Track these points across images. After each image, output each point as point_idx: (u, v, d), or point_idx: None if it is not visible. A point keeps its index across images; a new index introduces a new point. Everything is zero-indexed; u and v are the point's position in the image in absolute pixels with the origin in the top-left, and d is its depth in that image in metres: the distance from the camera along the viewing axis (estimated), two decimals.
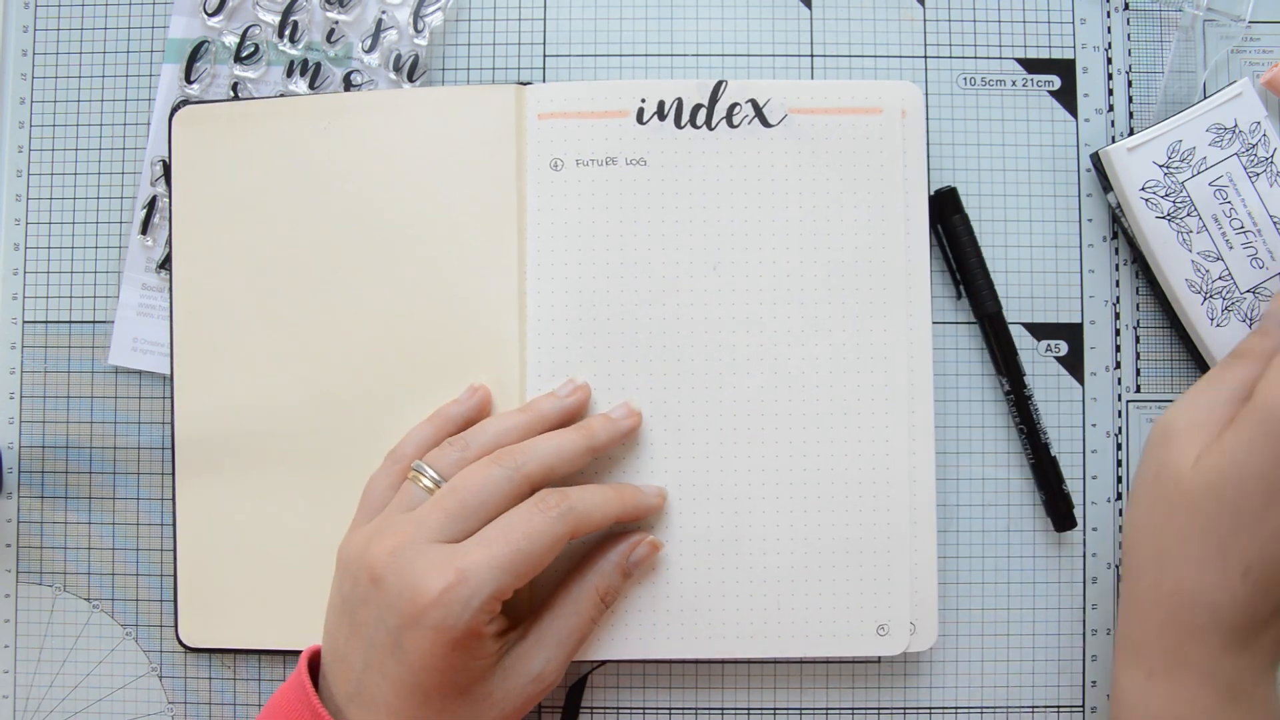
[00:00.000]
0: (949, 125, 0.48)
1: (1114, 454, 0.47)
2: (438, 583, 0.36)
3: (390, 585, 0.37)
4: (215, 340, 0.46)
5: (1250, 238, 0.45)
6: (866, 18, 0.48)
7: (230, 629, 0.46)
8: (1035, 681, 0.47)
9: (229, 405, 0.45)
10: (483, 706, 0.38)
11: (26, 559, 0.47)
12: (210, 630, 0.46)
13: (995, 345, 0.46)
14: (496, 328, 0.44)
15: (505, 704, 0.39)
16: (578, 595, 0.41)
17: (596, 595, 0.41)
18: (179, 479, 0.46)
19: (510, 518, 0.39)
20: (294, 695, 0.39)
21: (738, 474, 0.44)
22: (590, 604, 0.41)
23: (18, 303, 0.48)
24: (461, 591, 0.36)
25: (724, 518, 0.44)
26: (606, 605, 0.42)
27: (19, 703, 0.47)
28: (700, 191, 0.45)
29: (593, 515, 0.40)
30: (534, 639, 0.40)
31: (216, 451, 0.46)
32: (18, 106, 0.48)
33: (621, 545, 0.42)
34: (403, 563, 0.37)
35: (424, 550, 0.37)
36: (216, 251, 0.46)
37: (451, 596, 0.36)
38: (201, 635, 0.46)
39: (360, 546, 0.39)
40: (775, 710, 0.46)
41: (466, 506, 0.38)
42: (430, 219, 0.45)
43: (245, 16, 0.47)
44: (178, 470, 0.46)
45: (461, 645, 0.37)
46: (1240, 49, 0.48)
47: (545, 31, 0.48)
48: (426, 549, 0.37)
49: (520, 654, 0.40)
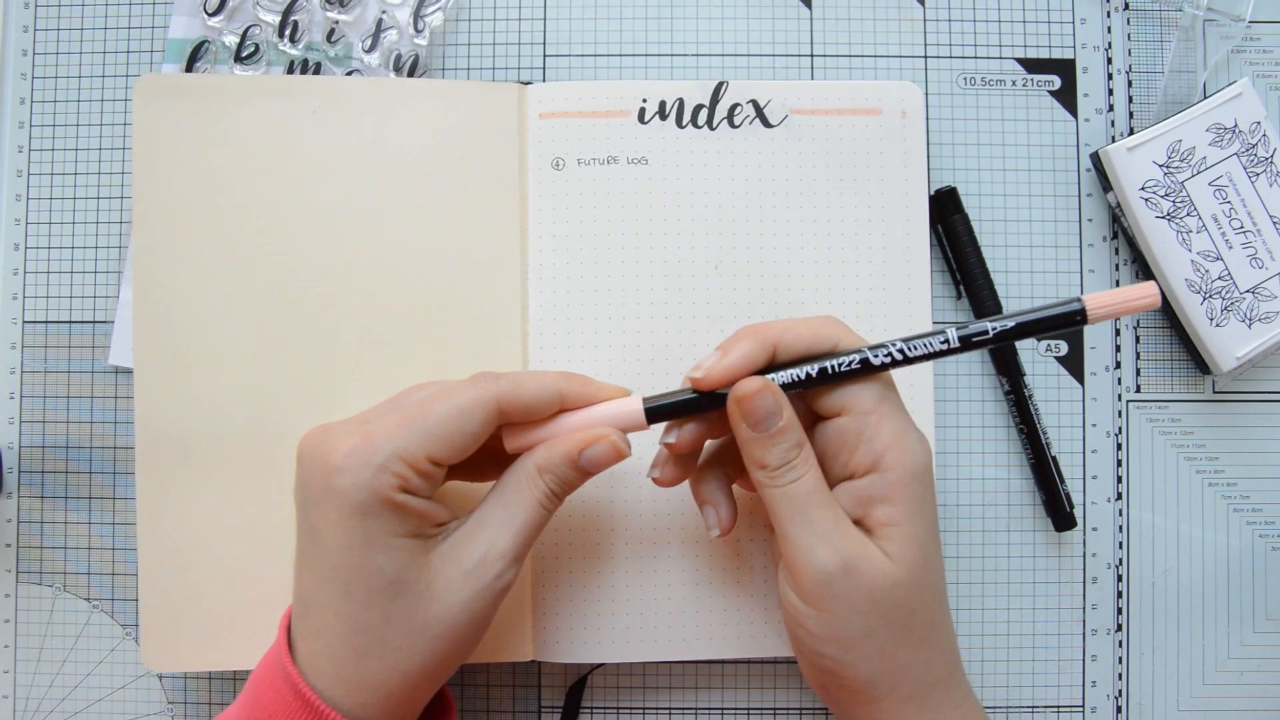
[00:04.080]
0: (949, 125, 0.48)
1: (1114, 454, 0.47)
2: (343, 445, 0.34)
3: (306, 460, 0.35)
4: (180, 332, 0.43)
5: (1250, 238, 0.45)
6: (866, 18, 0.48)
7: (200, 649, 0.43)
8: (1035, 681, 0.47)
9: (196, 404, 0.43)
10: (420, 602, 0.35)
11: (26, 559, 0.47)
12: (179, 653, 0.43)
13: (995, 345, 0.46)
14: (498, 326, 0.44)
15: (449, 599, 0.35)
16: (519, 473, 0.37)
17: (538, 476, 0.36)
18: (139, 484, 0.43)
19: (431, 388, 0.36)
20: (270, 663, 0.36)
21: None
22: (532, 485, 0.36)
23: (18, 303, 0.48)
24: (364, 450, 0.34)
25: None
26: (556, 495, 0.37)
27: (19, 703, 0.47)
28: (701, 191, 0.45)
29: (525, 386, 0.36)
30: (474, 521, 0.36)
31: (181, 454, 0.43)
32: (18, 106, 0.48)
33: (574, 435, 0.37)
34: (322, 436, 0.35)
35: (345, 425, 0.35)
36: (181, 236, 0.43)
37: (354, 459, 0.34)
38: (169, 659, 0.43)
39: None
40: (775, 710, 0.46)
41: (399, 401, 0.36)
42: (428, 215, 0.44)
43: (245, 16, 0.47)
44: (137, 474, 0.43)
45: (370, 513, 0.34)
46: (1240, 49, 0.48)
47: (545, 31, 0.48)
48: (348, 424, 0.35)
49: (459, 539, 0.36)
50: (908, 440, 0.36)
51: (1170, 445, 0.47)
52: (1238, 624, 0.47)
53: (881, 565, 0.35)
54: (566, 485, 0.37)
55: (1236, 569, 0.47)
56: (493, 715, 0.46)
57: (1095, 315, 0.35)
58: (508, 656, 0.44)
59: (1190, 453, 0.47)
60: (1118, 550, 0.47)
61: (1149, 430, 0.47)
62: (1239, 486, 0.47)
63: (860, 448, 0.36)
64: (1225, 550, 0.47)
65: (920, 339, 0.36)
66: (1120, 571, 0.47)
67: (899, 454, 0.35)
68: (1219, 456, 0.47)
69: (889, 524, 0.35)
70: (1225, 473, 0.47)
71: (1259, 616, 0.47)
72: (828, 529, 0.35)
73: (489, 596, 0.35)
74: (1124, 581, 0.47)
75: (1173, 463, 0.47)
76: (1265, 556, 0.47)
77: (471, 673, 0.47)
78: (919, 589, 0.36)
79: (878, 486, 0.35)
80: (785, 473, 0.36)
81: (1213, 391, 0.47)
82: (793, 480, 0.36)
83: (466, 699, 0.47)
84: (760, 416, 0.36)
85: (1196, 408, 0.47)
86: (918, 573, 0.35)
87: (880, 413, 0.36)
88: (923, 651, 0.36)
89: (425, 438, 0.34)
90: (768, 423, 0.36)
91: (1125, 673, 0.47)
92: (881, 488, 0.35)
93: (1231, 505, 0.47)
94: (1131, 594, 0.47)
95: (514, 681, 0.47)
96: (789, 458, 0.36)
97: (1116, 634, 0.47)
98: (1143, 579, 0.47)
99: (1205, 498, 0.47)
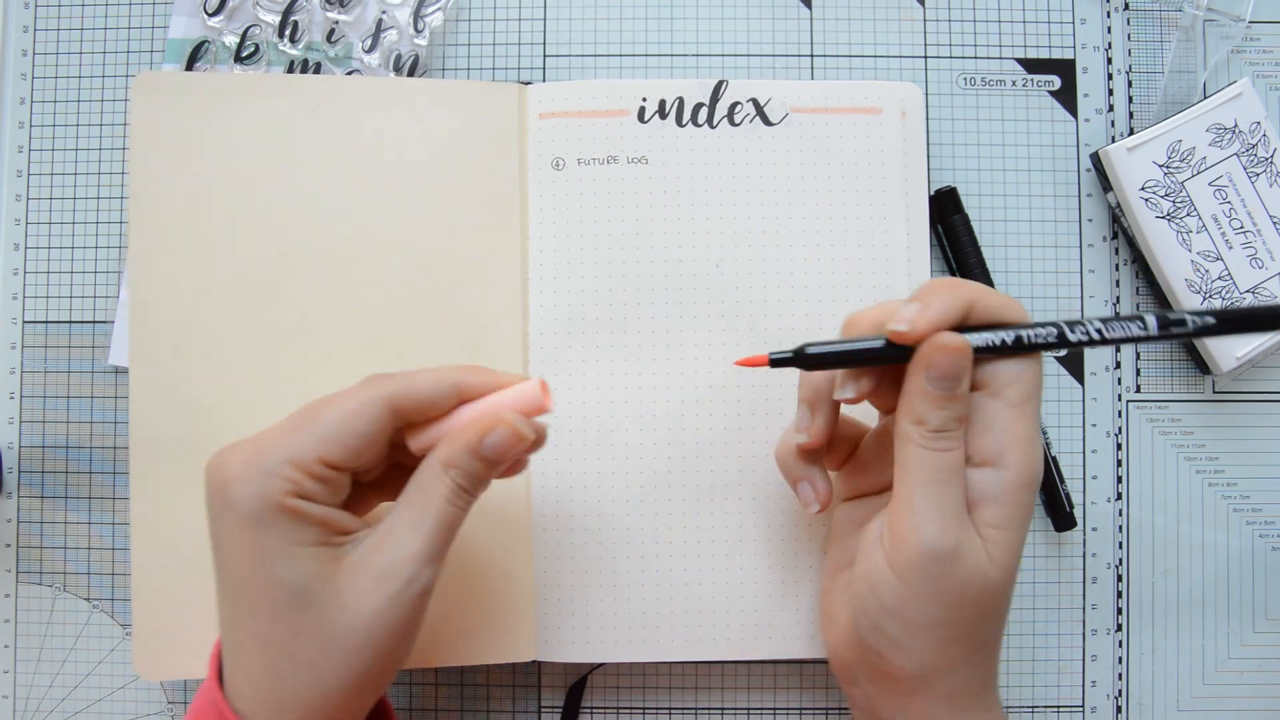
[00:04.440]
0: (949, 125, 0.48)
1: (1114, 454, 0.47)
2: (239, 458, 0.33)
3: (207, 479, 0.34)
4: (176, 333, 0.43)
5: (1250, 238, 0.45)
6: (866, 18, 0.48)
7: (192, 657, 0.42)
8: (1035, 681, 0.47)
9: (191, 406, 0.43)
10: (329, 613, 0.33)
11: (26, 559, 0.47)
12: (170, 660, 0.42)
13: None
14: (498, 326, 0.44)
15: (361, 607, 0.33)
16: (424, 472, 0.35)
17: (442, 471, 0.35)
18: (133, 488, 0.43)
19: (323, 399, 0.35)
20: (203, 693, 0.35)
21: (740, 473, 0.44)
22: (438, 481, 0.35)
23: (18, 303, 0.48)
24: (255, 462, 0.33)
25: (725, 517, 0.44)
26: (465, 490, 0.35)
27: (19, 703, 0.47)
28: (702, 190, 0.45)
29: (417, 381, 0.35)
30: (384, 527, 0.35)
31: (175, 457, 0.42)
32: (18, 106, 0.48)
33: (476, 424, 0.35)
34: (220, 454, 0.34)
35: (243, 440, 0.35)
36: (178, 235, 0.43)
37: (246, 469, 0.33)
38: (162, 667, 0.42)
39: None
40: (775, 710, 0.46)
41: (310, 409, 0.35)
42: (428, 215, 0.44)
43: (245, 16, 0.47)
44: (131, 479, 0.43)
45: (264, 522, 0.33)
46: (1240, 49, 0.48)
47: (545, 31, 0.48)
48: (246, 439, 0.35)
49: (369, 545, 0.34)
50: (1034, 448, 0.35)
51: (1170, 445, 0.47)
52: (1238, 624, 0.47)
53: (983, 564, 0.34)
54: (474, 479, 0.35)
55: (1236, 569, 0.47)
56: (493, 715, 0.46)
57: None
58: (508, 657, 0.44)
59: (1190, 453, 0.47)
60: (1118, 550, 0.47)
61: (1149, 430, 0.47)
62: (1239, 486, 0.47)
63: (990, 435, 0.35)
64: (1225, 550, 0.47)
65: (1118, 322, 0.35)
66: (1120, 572, 0.47)
67: (1023, 457, 0.35)
68: (1219, 456, 0.47)
69: (994, 526, 0.35)
70: (1225, 473, 0.47)
71: (1259, 616, 0.47)
72: (951, 510, 0.34)
73: (404, 602, 0.34)
74: (1124, 582, 0.47)
75: (1173, 463, 0.47)
76: (1265, 556, 0.47)
77: (471, 673, 0.47)
78: (1003, 599, 0.35)
79: (993, 484, 0.35)
80: (940, 439, 0.35)
81: (1213, 391, 0.47)
82: (942, 449, 0.35)
83: (466, 699, 0.47)
84: (948, 374, 0.34)
85: (1196, 408, 0.47)
86: (1009, 583, 0.35)
87: (1023, 411, 0.35)
88: (975, 656, 0.36)
89: (315, 441, 0.33)
90: (950, 383, 0.35)
91: (1125, 673, 0.47)
92: (996, 486, 0.35)
93: (1231, 505, 0.47)
94: (1131, 594, 0.47)
95: (514, 681, 0.47)
96: (949, 426, 0.35)
97: (1116, 634, 0.47)
98: (1143, 579, 0.47)
99: (1205, 498, 0.47)
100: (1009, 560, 0.35)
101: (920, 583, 0.34)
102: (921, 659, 0.35)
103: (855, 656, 0.38)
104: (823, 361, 0.36)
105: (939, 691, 0.36)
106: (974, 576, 0.34)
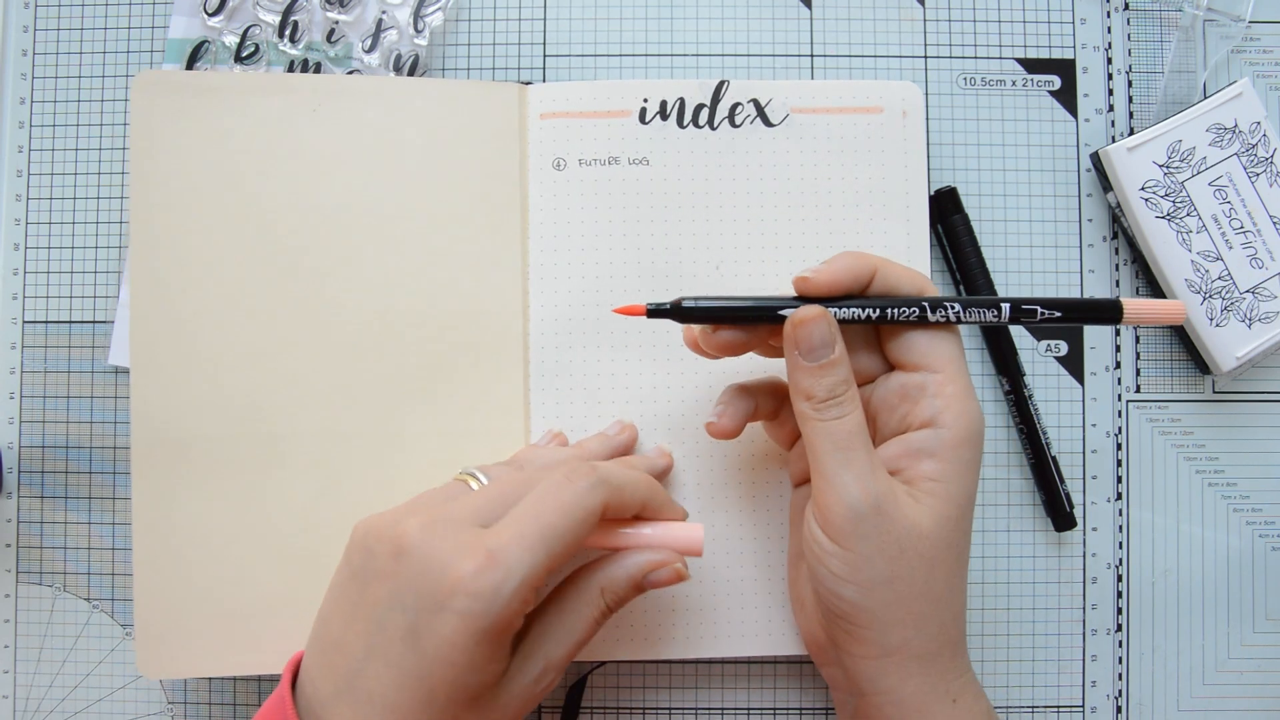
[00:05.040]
0: (949, 125, 0.48)
1: (1114, 454, 0.47)
2: (468, 565, 0.32)
3: (415, 560, 0.33)
4: (176, 332, 0.43)
5: (1250, 238, 0.45)
6: (866, 18, 0.48)
7: (195, 655, 0.42)
8: (1035, 681, 0.47)
9: (192, 404, 0.43)
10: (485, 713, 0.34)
11: (26, 559, 0.47)
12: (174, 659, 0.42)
13: (995, 345, 0.46)
14: (499, 326, 0.44)
15: (508, 706, 0.35)
16: (583, 590, 0.37)
17: (599, 596, 0.37)
18: (135, 486, 0.43)
19: (539, 491, 0.35)
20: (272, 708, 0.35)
21: (740, 473, 0.44)
22: (592, 604, 0.37)
23: (18, 303, 0.48)
24: (493, 576, 0.32)
25: (728, 516, 0.44)
26: (611, 610, 0.38)
27: (19, 703, 0.47)
28: (703, 191, 0.45)
29: (624, 490, 0.37)
30: (535, 632, 0.36)
31: (177, 455, 0.43)
32: (18, 106, 0.48)
33: (639, 557, 0.37)
34: (433, 537, 0.33)
35: (457, 528, 0.34)
36: (178, 235, 0.43)
37: (483, 581, 0.32)
38: (164, 665, 0.42)
39: (388, 520, 0.35)
40: (775, 710, 0.46)
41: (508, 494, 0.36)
42: (429, 215, 0.44)
43: (245, 16, 0.47)
44: (133, 477, 0.43)
45: (489, 639, 0.33)
46: (1240, 49, 0.48)
47: (545, 31, 0.48)
48: (460, 527, 0.34)
49: (524, 651, 0.36)
50: (969, 404, 0.37)
51: (1170, 445, 0.47)
52: (1238, 624, 0.47)
53: (912, 513, 0.36)
54: (622, 603, 0.38)
55: (1236, 569, 0.47)
56: None
57: (1130, 317, 0.37)
58: None
59: (1190, 453, 0.47)
60: (1118, 550, 0.47)
61: (1149, 430, 0.47)
62: (1239, 486, 0.47)
63: (923, 402, 0.37)
64: (1225, 550, 0.47)
65: (976, 305, 0.37)
66: (1120, 571, 0.47)
67: (958, 415, 0.36)
68: (1219, 456, 0.47)
69: (933, 479, 0.36)
70: (1225, 473, 0.47)
71: (1259, 616, 0.47)
72: (864, 469, 0.35)
73: (536, 701, 0.36)
74: (1124, 581, 0.47)
75: (1173, 463, 0.47)
76: (1265, 556, 0.47)
77: None
78: (945, 547, 0.36)
79: (931, 441, 0.36)
80: (831, 407, 0.36)
81: (1213, 391, 0.47)
82: (837, 417, 0.36)
83: None
84: (814, 345, 0.36)
85: (1196, 408, 0.47)
86: (947, 530, 0.36)
87: (949, 372, 0.37)
88: (939, 609, 0.36)
89: (549, 557, 0.34)
90: (819, 352, 0.36)
91: (1125, 673, 0.47)
92: (934, 443, 0.36)
93: (1231, 505, 0.47)
94: (1131, 594, 0.47)
95: None
96: (836, 392, 0.36)
97: (1116, 634, 0.47)
98: (1143, 579, 0.47)
99: (1205, 498, 0.47)
100: (949, 509, 0.36)
101: (858, 544, 0.35)
102: (885, 616, 0.36)
103: (826, 633, 0.39)
104: (698, 315, 0.38)
105: (909, 653, 0.36)
106: (907, 527, 0.35)
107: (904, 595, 0.36)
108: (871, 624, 0.36)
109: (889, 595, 0.36)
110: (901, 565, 0.35)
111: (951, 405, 0.36)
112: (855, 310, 0.37)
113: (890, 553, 0.35)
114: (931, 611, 0.36)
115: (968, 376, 0.37)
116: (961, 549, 0.37)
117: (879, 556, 0.35)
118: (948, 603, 0.37)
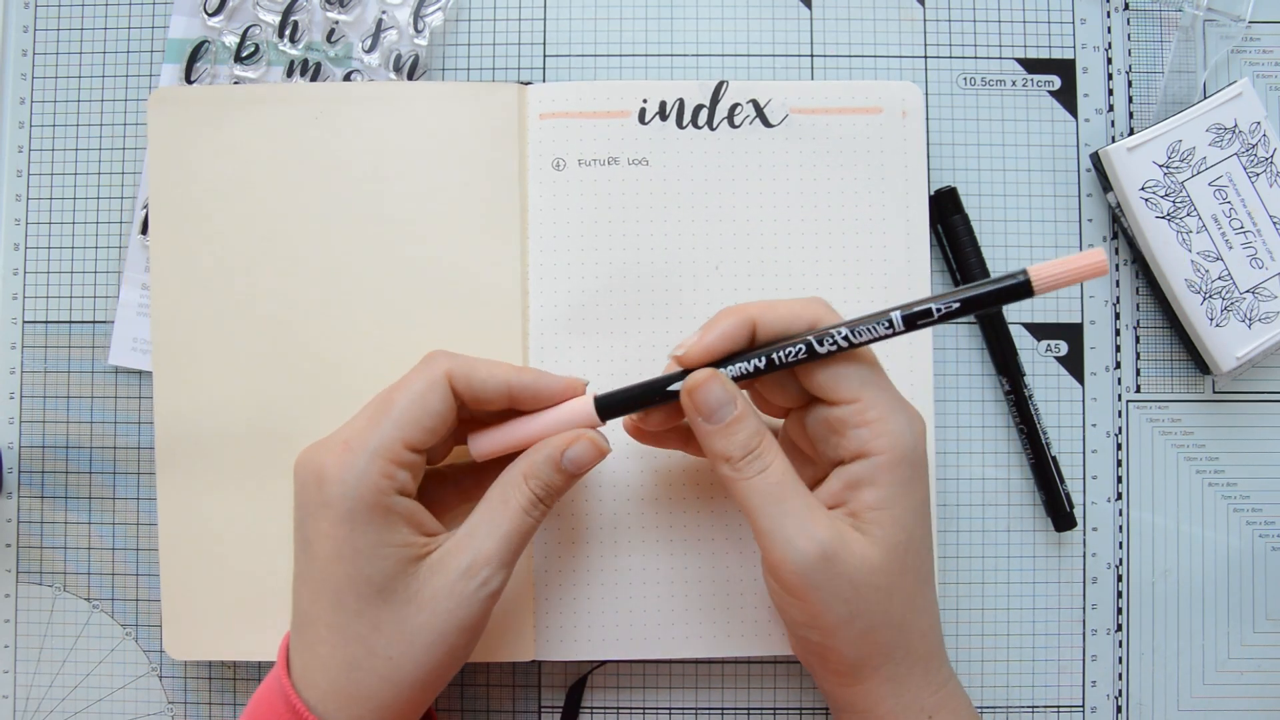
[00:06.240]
0: (949, 125, 0.48)
1: (1114, 454, 0.47)
2: (330, 459, 0.35)
3: (298, 478, 0.36)
4: (196, 335, 0.44)
5: (1250, 238, 0.45)
6: (866, 18, 0.48)
7: (218, 638, 0.44)
8: (1035, 681, 0.47)
9: (212, 404, 0.44)
10: (409, 610, 0.35)
11: (26, 559, 0.47)
12: (198, 641, 0.44)
13: (995, 345, 0.46)
14: (499, 326, 0.44)
15: (437, 607, 0.35)
16: (506, 482, 0.37)
17: (523, 482, 0.37)
18: (160, 481, 0.45)
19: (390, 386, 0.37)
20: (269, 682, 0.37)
21: None
22: (517, 492, 0.37)
23: (18, 303, 0.48)
24: (349, 458, 0.35)
25: (725, 516, 0.44)
26: (541, 500, 0.37)
27: (19, 703, 0.47)
28: (702, 191, 0.45)
29: (476, 370, 0.37)
30: (463, 531, 0.37)
31: (199, 452, 0.44)
32: (18, 106, 0.48)
33: (556, 439, 0.37)
34: (309, 454, 0.36)
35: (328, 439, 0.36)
36: (195, 243, 0.45)
37: (339, 469, 0.35)
38: (188, 647, 0.45)
39: None
40: (775, 710, 0.46)
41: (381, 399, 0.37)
42: (430, 216, 0.44)
43: (245, 16, 0.47)
44: (158, 472, 0.44)
45: (362, 521, 0.35)
46: (1240, 49, 0.48)
47: (545, 31, 0.48)
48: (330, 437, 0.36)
49: (449, 548, 0.36)
50: (894, 423, 0.36)
51: (1170, 445, 0.47)
52: (1238, 624, 0.47)
53: (860, 550, 0.35)
54: (551, 489, 0.37)
55: (1236, 569, 0.47)
56: (493, 715, 0.47)
57: (1041, 285, 0.34)
58: (508, 656, 0.44)
59: (1190, 453, 0.47)
60: (1118, 550, 0.47)
61: (1149, 430, 0.47)
62: (1239, 486, 0.47)
63: (847, 433, 0.36)
64: (1225, 550, 0.47)
65: (865, 324, 0.35)
66: (1120, 571, 0.47)
67: (885, 439, 0.35)
68: (1219, 456, 0.47)
69: (875, 507, 0.35)
70: (1225, 473, 0.47)
71: (1259, 616, 0.47)
72: (802, 518, 0.35)
73: (476, 603, 0.36)
74: (1124, 581, 0.47)
75: (1173, 463, 0.47)
76: (1265, 556, 0.47)
77: (471, 673, 0.47)
78: (899, 573, 0.36)
79: (866, 470, 0.35)
80: (751, 463, 0.36)
81: (1213, 391, 0.47)
82: (760, 471, 0.36)
83: (466, 699, 0.47)
84: (712, 407, 0.36)
85: (1196, 408, 0.47)
86: (898, 557, 0.35)
87: (866, 398, 0.36)
88: (903, 634, 0.36)
89: (396, 427, 0.35)
90: (722, 412, 0.36)
91: (1125, 673, 0.47)
92: (870, 471, 0.35)
93: (1231, 505, 0.47)
94: (1131, 594, 0.47)
95: (514, 681, 0.47)
96: (751, 446, 0.36)
97: (1116, 634, 0.47)
98: (1143, 579, 0.47)
99: (1205, 498, 0.47)
100: (898, 535, 0.35)
101: (812, 593, 0.35)
102: (852, 652, 0.36)
103: (803, 654, 0.39)
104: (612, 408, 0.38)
105: (880, 678, 0.36)
106: (857, 564, 0.35)
107: (866, 629, 0.35)
108: (841, 659, 0.36)
109: (851, 632, 0.35)
110: (858, 603, 0.35)
111: (877, 430, 0.35)
112: (742, 365, 0.36)
113: (845, 594, 0.35)
114: (896, 638, 0.36)
115: (889, 391, 0.36)
116: (921, 569, 0.37)
117: (835, 599, 0.35)
118: (913, 624, 0.37)
